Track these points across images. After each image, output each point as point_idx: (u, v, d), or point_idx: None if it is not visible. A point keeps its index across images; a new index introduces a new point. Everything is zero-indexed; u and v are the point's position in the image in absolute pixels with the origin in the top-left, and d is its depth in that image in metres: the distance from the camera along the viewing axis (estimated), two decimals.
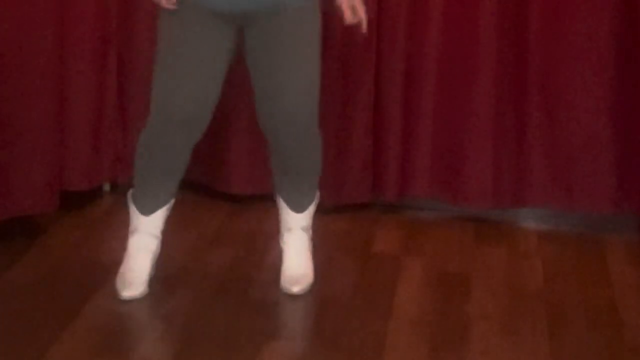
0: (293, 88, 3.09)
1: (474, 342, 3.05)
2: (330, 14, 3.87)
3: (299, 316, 3.21)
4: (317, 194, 3.41)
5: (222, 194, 4.07)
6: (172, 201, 3.29)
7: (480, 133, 3.91)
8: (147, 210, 3.26)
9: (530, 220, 4.00)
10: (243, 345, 2.99)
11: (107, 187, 4.13)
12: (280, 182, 3.34)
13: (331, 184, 3.98)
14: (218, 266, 3.48)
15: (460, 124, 3.94)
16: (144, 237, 3.27)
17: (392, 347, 3.01)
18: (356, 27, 3.18)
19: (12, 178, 3.59)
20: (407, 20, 3.90)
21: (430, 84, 3.94)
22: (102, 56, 3.96)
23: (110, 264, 3.41)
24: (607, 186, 3.89)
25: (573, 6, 3.80)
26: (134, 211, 3.28)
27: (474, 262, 3.64)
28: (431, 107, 3.96)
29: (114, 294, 3.24)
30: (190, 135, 3.14)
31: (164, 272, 3.35)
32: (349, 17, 3.13)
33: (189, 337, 3.02)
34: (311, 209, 3.39)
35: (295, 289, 3.27)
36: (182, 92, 3.06)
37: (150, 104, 3.13)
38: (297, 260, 3.34)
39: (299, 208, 3.35)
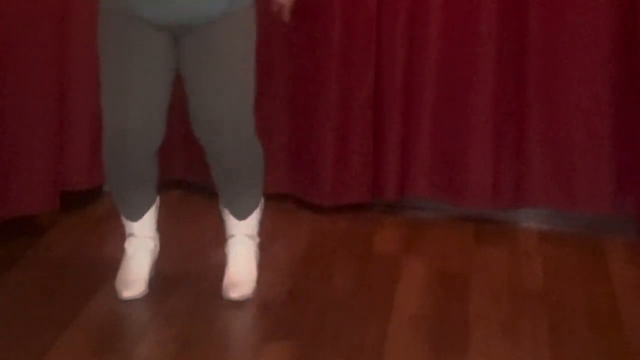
0: (218, 95, 3.07)
1: (474, 342, 3.05)
2: (330, 15, 3.90)
3: (299, 316, 3.21)
4: (261, 200, 3.36)
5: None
6: (157, 200, 3.30)
7: (480, 133, 3.91)
8: (134, 216, 3.27)
9: (530, 220, 4.00)
10: (243, 345, 2.99)
11: (107, 187, 4.12)
12: (221, 189, 3.30)
13: (331, 184, 3.98)
14: (218, 266, 3.48)
15: (460, 124, 3.94)
16: (138, 239, 3.29)
17: (392, 347, 3.01)
18: (279, 14, 3.17)
19: (12, 178, 3.60)
20: (407, 21, 3.90)
21: (430, 84, 3.94)
22: None
23: (110, 264, 3.41)
24: (607, 186, 3.89)
25: (573, 7, 3.80)
26: (123, 218, 3.30)
27: (474, 262, 3.64)
28: (431, 107, 3.96)
29: (114, 294, 3.24)
30: (146, 146, 3.13)
31: (164, 272, 3.35)
32: (274, 4, 3.13)
33: (189, 337, 3.02)
34: (255, 215, 3.34)
35: (234, 294, 3.25)
36: (130, 107, 3.05)
37: (102, 118, 3.12)
38: (237, 266, 3.31)
39: (240, 215, 3.32)
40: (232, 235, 3.34)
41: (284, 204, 4.05)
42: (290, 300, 3.28)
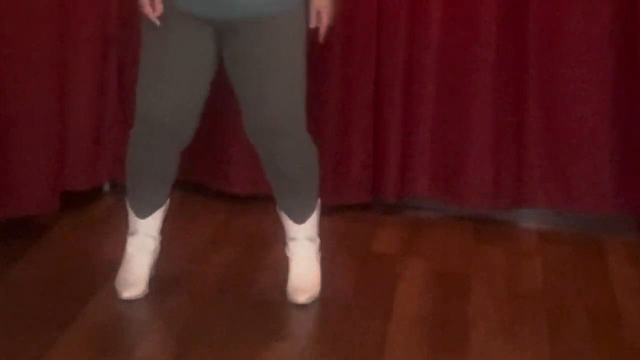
0: (271, 96, 3.06)
1: (474, 342, 3.05)
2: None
3: (299, 316, 3.21)
4: (318, 202, 3.35)
5: (222, 194, 4.07)
6: (167, 202, 3.30)
7: (480, 133, 3.92)
8: (142, 214, 3.26)
9: (530, 220, 4.00)
10: (243, 345, 2.99)
11: (107, 187, 4.13)
12: (278, 194, 3.29)
13: (331, 184, 3.98)
14: (218, 266, 3.48)
15: (460, 124, 3.94)
16: (143, 238, 3.28)
17: (392, 347, 3.01)
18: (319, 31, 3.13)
19: (12, 178, 3.60)
20: (407, 21, 3.90)
21: (430, 85, 3.94)
22: (102, 56, 3.96)
23: (110, 263, 3.41)
24: (607, 186, 3.89)
25: (573, 7, 3.80)
26: (131, 214, 3.29)
27: (474, 262, 3.64)
28: (431, 108, 3.96)
29: (114, 294, 3.24)
30: (176, 141, 3.14)
31: (164, 273, 3.35)
32: (314, 21, 3.10)
33: (189, 337, 3.02)
34: (313, 218, 3.33)
35: (301, 298, 3.25)
36: (165, 99, 3.05)
37: (135, 111, 3.13)
38: (302, 269, 3.31)
39: (299, 219, 3.31)
40: (293, 239, 3.32)
41: None
42: (291, 300, 3.28)
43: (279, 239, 3.59)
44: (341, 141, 3.98)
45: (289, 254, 3.33)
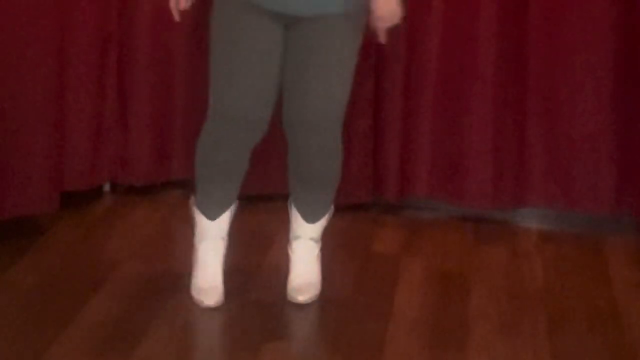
0: (321, 92, 3.05)
1: (474, 342, 3.05)
2: None
3: (299, 316, 3.20)
4: (332, 207, 3.34)
5: None
6: (236, 202, 3.24)
7: (480, 133, 3.92)
8: (213, 215, 3.21)
9: (530, 220, 4.00)
10: (243, 345, 2.99)
11: (107, 187, 4.13)
12: (297, 190, 3.27)
13: None
14: None
15: (460, 124, 3.94)
16: (213, 242, 3.23)
17: (392, 347, 3.01)
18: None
19: (12, 178, 3.59)
20: (407, 20, 3.89)
21: (430, 84, 3.94)
22: (102, 56, 3.96)
23: (110, 264, 3.42)
24: (607, 186, 3.89)
25: (573, 7, 3.80)
26: (200, 218, 3.23)
27: (474, 262, 3.64)
28: (431, 108, 3.96)
29: (114, 294, 3.24)
30: (252, 134, 3.10)
31: (164, 272, 3.35)
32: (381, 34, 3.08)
33: (189, 337, 3.02)
34: (324, 220, 3.33)
35: (301, 297, 3.25)
36: (242, 91, 3.03)
37: (209, 105, 3.10)
38: (303, 268, 3.30)
39: (311, 219, 3.30)
40: (298, 237, 3.31)
41: (284, 204, 4.04)
42: (290, 300, 3.28)
43: (279, 238, 3.59)
44: (341, 141, 3.97)
45: (291, 252, 3.33)
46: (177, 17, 3.05)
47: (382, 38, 3.09)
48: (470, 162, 3.94)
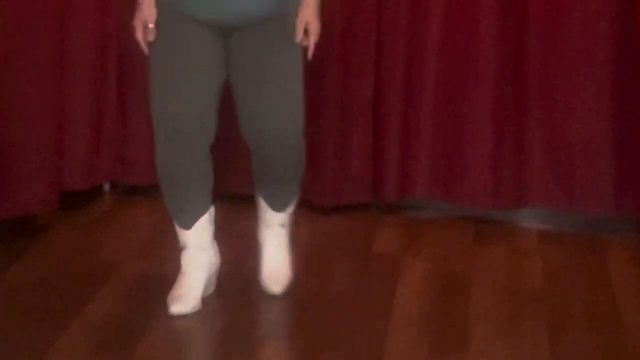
0: (280, 109, 3.07)
1: (474, 342, 3.05)
2: (330, 14, 3.90)
3: (298, 316, 3.21)
4: (299, 192, 3.36)
5: (222, 193, 4.06)
6: (211, 210, 3.21)
7: (480, 133, 3.92)
8: (186, 224, 3.19)
9: (530, 220, 4.00)
10: (242, 345, 2.99)
11: (107, 187, 4.13)
12: (262, 184, 3.29)
13: (331, 184, 3.98)
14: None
15: (460, 124, 3.94)
16: (193, 252, 3.21)
17: (392, 347, 3.01)
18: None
19: (12, 178, 3.60)
20: (407, 21, 3.90)
21: (430, 84, 3.94)
22: (102, 56, 3.96)
23: (110, 264, 3.42)
24: (607, 186, 3.89)
25: (573, 7, 3.80)
26: (176, 226, 3.22)
27: (474, 262, 3.64)
28: (431, 108, 3.96)
29: (114, 294, 3.24)
30: (198, 133, 3.07)
31: (164, 272, 3.35)
32: (299, 37, 3.07)
33: (189, 337, 3.02)
34: (291, 207, 3.34)
35: (277, 288, 3.27)
36: (178, 98, 3.02)
37: (152, 118, 3.09)
38: (275, 257, 3.32)
39: (279, 208, 3.31)
40: (268, 226, 3.33)
41: None
42: (291, 300, 3.28)
43: None
44: (341, 141, 3.98)
45: (261, 241, 3.34)
46: (145, 50, 3.05)
47: (310, 53, 3.08)
48: (470, 162, 3.94)
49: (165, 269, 3.36)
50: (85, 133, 3.95)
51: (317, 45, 3.09)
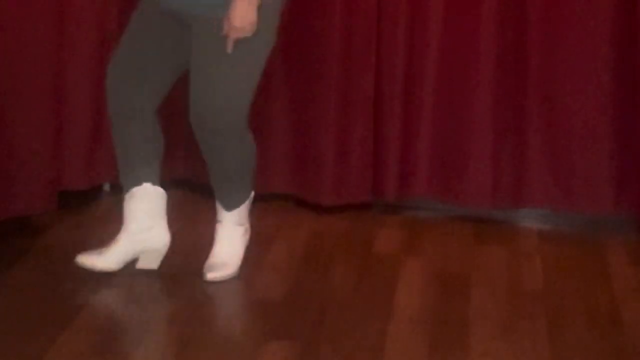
0: (202, 94, 3.16)
1: (474, 342, 3.05)
2: (330, 15, 3.90)
3: (298, 316, 3.20)
4: (251, 193, 3.40)
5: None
6: (145, 185, 3.34)
7: (480, 133, 3.92)
8: (125, 185, 3.35)
9: (530, 220, 4.00)
10: (243, 345, 2.99)
11: (107, 187, 4.13)
12: (214, 181, 3.37)
13: (331, 184, 3.98)
14: None
15: (460, 124, 3.95)
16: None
17: (392, 347, 3.00)
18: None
19: (12, 178, 3.59)
20: (407, 20, 3.90)
21: (430, 84, 3.95)
22: (102, 56, 3.96)
23: None
24: (607, 186, 3.89)
25: (573, 7, 3.80)
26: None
27: (474, 262, 3.64)
28: (431, 107, 3.97)
29: (114, 294, 3.24)
30: (136, 124, 3.29)
31: (165, 272, 3.35)
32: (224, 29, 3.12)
33: (189, 337, 3.02)
34: (243, 207, 3.38)
35: (210, 275, 3.31)
36: (122, 76, 3.26)
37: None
38: (220, 249, 3.36)
39: (228, 206, 3.36)
40: (220, 222, 3.39)
41: (284, 204, 4.05)
42: (290, 300, 3.28)
43: (280, 238, 3.60)
44: (341, 141, 3.98)
45: (215, 233, 3.39)
46: None
47: (230, 47, 3.10)
48: (470, 162, 3.95)
49: (164, 269, 3.36)
50: (85, 133, 3.94)
51: (317, 45, 3.10)
